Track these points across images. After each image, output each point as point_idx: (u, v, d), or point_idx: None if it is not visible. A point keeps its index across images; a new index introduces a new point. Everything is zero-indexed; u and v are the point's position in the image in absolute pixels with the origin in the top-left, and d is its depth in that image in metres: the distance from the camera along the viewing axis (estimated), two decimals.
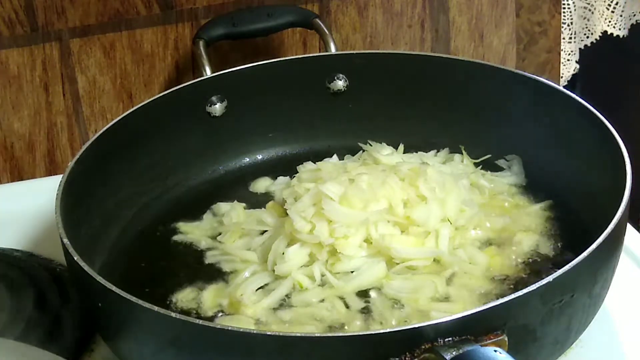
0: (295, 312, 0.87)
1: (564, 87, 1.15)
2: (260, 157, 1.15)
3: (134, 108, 1.04)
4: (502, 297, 0.71)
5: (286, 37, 1.29)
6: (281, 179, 1.09)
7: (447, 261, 0.90)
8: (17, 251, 1.05)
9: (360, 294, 0.88)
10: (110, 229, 1.00)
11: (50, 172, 1.27)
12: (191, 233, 1.01)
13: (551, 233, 0.96)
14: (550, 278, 0.72)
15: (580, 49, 1.45)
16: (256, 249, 0.95)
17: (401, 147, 1.10)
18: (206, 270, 0.95)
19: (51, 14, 1.20)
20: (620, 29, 1.43)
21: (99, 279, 0.77)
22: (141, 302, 0.73)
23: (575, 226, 0.96)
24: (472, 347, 0.68)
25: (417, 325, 0.69)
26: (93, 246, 0.94)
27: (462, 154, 1.08)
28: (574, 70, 1.45)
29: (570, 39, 1.43)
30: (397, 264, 0.90)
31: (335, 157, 1.09)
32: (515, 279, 0.89)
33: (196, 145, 1.11)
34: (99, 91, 1.26)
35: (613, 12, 1.42)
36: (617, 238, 0.81)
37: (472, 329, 0.69)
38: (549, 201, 1.00)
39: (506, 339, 0.70)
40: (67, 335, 0.89)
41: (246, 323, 0.85)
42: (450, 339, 0.69)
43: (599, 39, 1.45)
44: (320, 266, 0.90)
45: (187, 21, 1.25)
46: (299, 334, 0.71)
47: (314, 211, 0.91)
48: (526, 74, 1.04)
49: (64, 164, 1.26)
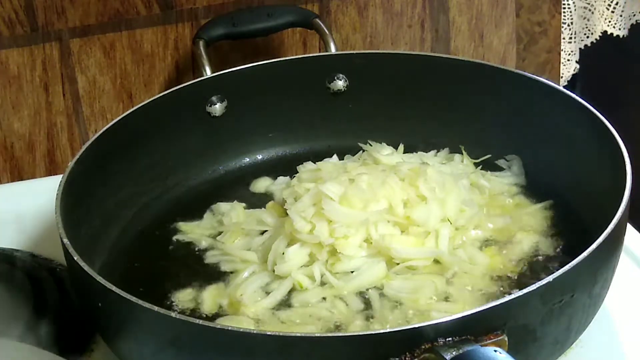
0: (295, 312, 0.87)
1: (564, 87, 1.15)
2: (260, 157, 1.15)
3: (134, 108, 1.04)
4: (502, 297, 0.71)
5: (286, 37, 1.29)
6: (281, 179, 1.09)
7: (447, 261, 0.90)
8: (17, 251, 1.04)
9: (360, 294, 0.88)
10: (110, 229, 1.00)
11: (50, 172, 1.27)
12: (191, 233, 1.01)
13: (551, 233, 0.96)
14: (550, 278, 0.72)
15: (580, 49, 1.45)
16: (256, 249, 0.95)
17: (401, 147, 1.10)
18: (206, 270, 0.95)
19: (51, 14, 1.20)
20: (620, 29, 1.43)
21: (99, 279, 0.77)
22: (141, 302, 0.73)
23: (575, 226, 0.96)
24: (472, 347, 0.68)
25: (417, 325, 0.69)
26: (93, 246, 0.94)
27: (462, 154, 1.08)
28: (574, 70, 1.45)
29: (570, 39, 1.43)
30: (397, 264, 0.90)
31: (335, 157, 1.09)
32: (515, 279, 0.89)
33: (196, 145, 1.11)
34: (99, 91, 1.26)
35: (613, 12, 1.42)
36: (617, 238, 0.81)
37: (472, 329, 0.69)
38: (549, 201, 1.00)
39: (506, 339, 0.70)
40: (67, 335, 0.89)
41: (246, 323, 0.85)
42: (450, 339, 0.69)
43: (599, 39, 1.45)
44: (320, 266, 0.90)
45: (187, 21, 1.25)
46: (299, 334, 0.71)
47: (314, 211, 0.91)
48: (526, 74, 1.04)
49: (64, 164, 1.26)
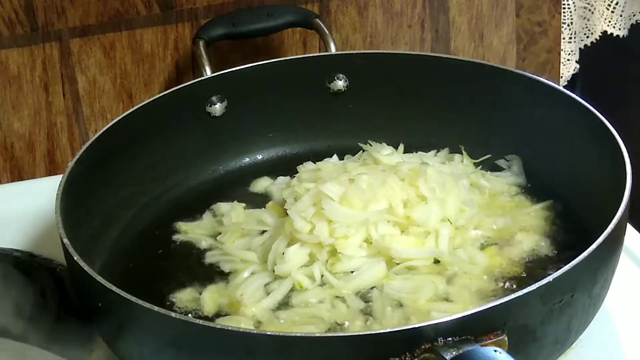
0: (295, 312, 0.87)
1: (564, 87, 1.15)
2: (260, 157, 1.15)
3: (134, 108, 1.04)
4: (502, 297, 0.71)
5: (286, 37, 1.29)
6: (281, 179, 1.09)
7: (447, 261, 0.90)
8: (17, 251, 1.04)
9: (360, 294, 0.88)
10: (110, 229, 1.00)
11: (50, 172, 1.27)
12: (191, 233, 1.01)
13: (551, 233, 0.96)
14: (550, 278, 0.72)
15: (580, 49, 1.46)
16: (256, 249, 0.95)
17: (401, 147, 1.10)
18: (206, 270, 0.95)
19: (51, 14, 1.20)
20: (620, 29, 1.43)
21: (99, 279, 0.77)
22: (141, 302, 0.73)
23: (575, 226, 0.96)
24: (472, 347, 0.68)
25: (417, 325, 0.69)
26: (93, 246, 0.94)
27: (462, 154, 1.08)
28: (574, 70, 1.45)
29: (570, 39, 1.43)
30: (397, 264, 0.90)
31: (335, 157, 1.09)
32: (515, 279, 0.89)
33: (196, 145, 1.11)
34: (99, 91, 1.26)
35: (613, 12, 1.42)
36: (617, 238, 0.81)
37: (472, 329, 0.69)
38: (549, 201, 1.00)
39: (506, 339, 0.70)
40: (67, 335, 0.89)
41: (246, 323, 0.85)
42: (450, 339, 0.69)
43: (599, 39, 1.45)
44: (320, 266, 0.90)
45: (187, 21, 1.25)
46: (299, 334, 0.71)
47: (314, 211, 0.91)
48: (526, 74, 1.04)
49: (64, 164, 1.26)
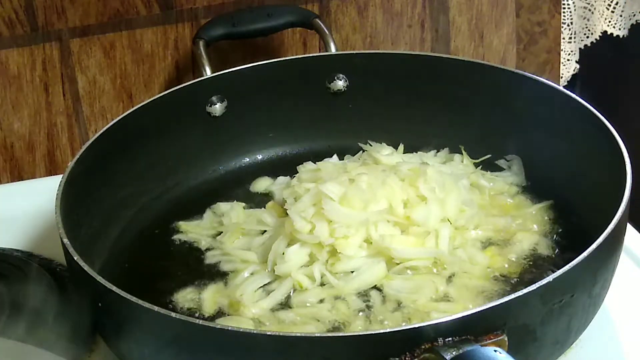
0: (295, 313, 0.87)
1: (564, 87, 1.15)
2: (260, 157, 1.15)
3: (134, 108, 1.04)
4: (502, 297, 0.71)
5: (286, 37, 1.29)
6: (281, 179, 1.09)
7: (447, 261, 0.90)
8: (17, 251, 1.04)
9: (360, 294, 0.88)
10: (110, 229, 1.00)
11: (50, 172, 1.27)
12: (191, 232, 1.01)
13: (551, 233, 0.96)
14: (550, 278, 0.72)
15: (580, 49, 1.46)
16: (256, 249, 0.95)
17: (401, 147, 1.10)
18: (206, 270, 0.95)
19: (51, 14, 1.21)
20: (620, 29, 1.43)
21: (99, 279, 0.77)
22: (141, 302, 0.73)
23: (575, 226, 0.96)
24: (472, 347, 0.68)
25: (417, 325, 0.69)
26: (93, 246, 0.94)
27: (462, 154, 1.08)
28: (574, 70, 1.45)
29: (570, 39, 1.43)
30: (397, 264, 0.90)
31: (335, 157, 1.09)
32: (515, 279, 0.89)
33: (196, 145, 1.11)
34: (99, 91, 1.26)
35: (613, 12, 1.42)
36: (617, 238, 0.81)
37: (472, 329, 0.69)
38: (549, 201, 1.00)
39: (506, 339, 0.70)
40: (67, 336, 0.89)
41: (246, 323, 0.85)
42: (450, 339, 0.69)
43: (599, 39, 1.45)
44: (320, 266, 0.90)
45: (187, 21, 1.25)
46: (299, 334, 0.71)
47: (314, 211, 0.91)
48: (526, 74, 1.04)
49: (64, 164, 1.26)
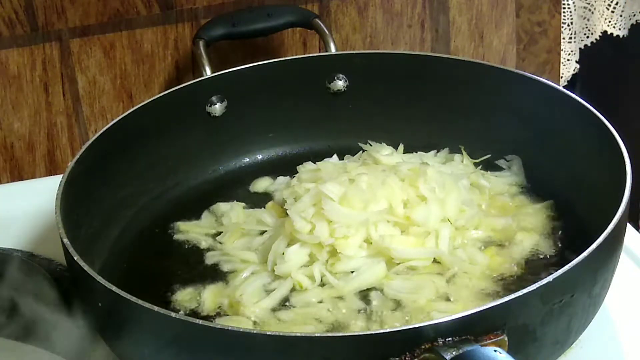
0: (295, 313, 0.87)
1: (564, 87, 1.15)
2: (260, 157, 1.15)
3: (134, 108, 1.04)
4: (502, 297, 0.71)
5: (286, 37, 1.29)
6: (281, 179, 1.09)
7: (447, 261, 0.90)
8: (17, 251, 1.04)
9: (360, 294, 0.88)
10: (110, 229, 1.00)
11: (50, 172, 1.27)
12: (191, 232, 1.01)
13: (551, 233, 0.96)
14: (550, 278, 0.72)
15: (580, 49, 1.46)
16: (256, 249, 0.95)
17: (401, 147, 1.10)
18: (206, 270, 0.95)
19: (51, 14, 1.21)
20: (620, 29, 1.43)
21: (99, 279, 0.77)
22: (141, 302, 0.73)
23: (575, 226, 0.95)
24: (472, 347, 0.68)
25: (417, 325, 0.69)
26: (93, 246, 0.94)
27: (462, 154, 1.08)
28: (574, 70, 1.45)
29: (570, 39, 1.43)
30: (397, 264, 0.90)
31: (335, 157, 1.09)
32: (516, 279, 0.89)
33: (196, 145, 1.10)
34: (99, 91, 1.26)
35: (613, 12, 1.42)
36: (617, 238, 0.81)
37: (472, 329, 0.69)
38: (549, 201, 1.00)
39: (506, 339, 0.70)
40: (67, 335, 0.89)
41: (246, 323, 0.85)
42: (450, 339, 0.69)
43: (599, 39, 1.45)
44: (320, 266, 0.90)
45: (187, 21, 1.25)
46: (299, 334, 0.71)
47: (314, 211, 0.91)
48: (526, 74, 1.04)
49: (64, 164, 1.27)
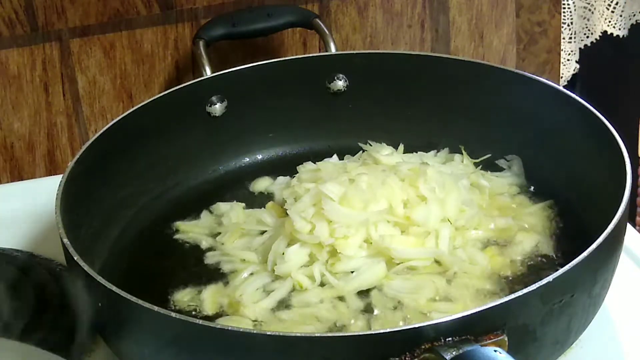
0: (295, 313, 0.87)
1: (564, 87, 1.15)
2: (260, 157, 1.15)
3: (134, 108, 1.04)
4: (502, 297, 0.71)
5: (286, 37, 1.29)
6: (281, 179, 1.09)
7: (447, 261, 0.90)
8: (17, 251, 1.05)
9: (360, 294, 0.88)
10: (110, 229, 1.00)
11: (50, 172, 1.27)
12: (191, 232, 1.01)
13: (551, 233, 0.96)
14: (550, 278, 0.72)
15: (580, 49, 1.46)
16: (256, 249, 0.95)
17: (401, 147, 1.10)
18: (206, 270, 0.95)
19: (51, 14, 1.21)
20: (620, 29, 1.43)
21: (99, 279, 0.77)
22: (141, 302, 0.73)
23: (575, 226, 0.96)
24: (472, 347, 0.68)
25: (417, 325, 0.69)
26: (93, 246, 0.94)
27: (462, 154, 1.08)
28: (574, 70, 1.45)
29: (570, 39, 1.43)
30: (397, 264, 0.90)
31: (335, 157, 1.09)
32: (516, 279, 0.89)
33: (196, 145, 1.10)
34: (99, 91, 1.26)
35: (613, 12, 1.42)
36: (617, 238, 0.81)
37: (472, 329, 0.69)
38: (549, 201, 1.00)
39: (506, 339, 0.70)
40: (67, 336, 0.89)
41: (246, 323, 0.85)
42: (450, 339, 0.69)
43: (599, 39, 1.45)
44: (320, 266, 0.90)
45: (187, 21, 1.25)
46: (299, 334, 0.71)
47: (314, 211, 0.91)
48: (526, 74, 1.04)
49: (64, 164, 1.27)
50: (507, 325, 0.71)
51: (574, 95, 0.98)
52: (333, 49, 1.16)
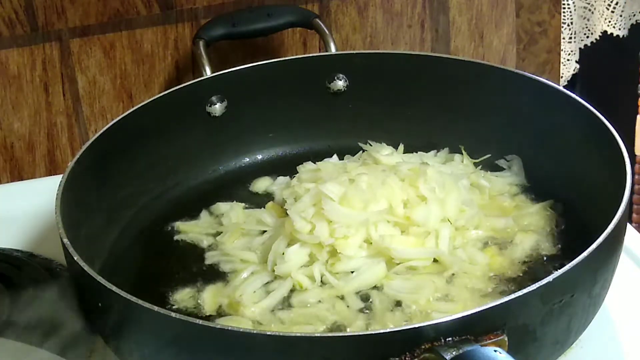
0: (295, 313, 0.87)
1: (564, 87, 1.15)
2: (260, 157, 1.15)
3: (134, 108, 1.04)
4: (502, 297, 0.71)
5: (286, 37, 1.29)
6: (281, 179, 1.09)
7: (447, 261, 0.90)
8: (17, 251, 1.04)
9: (360, 294, 0.88)
10: (110, 229, 1.00)
11: (50, 172, 1.27)
12: (191, 232, 1.01)
13: (551, 233, 0.96)
14: (550, 278, 0.72)
15: (580, 49, 1.46)
16: (256, 249, 0.95)
17: (401, 147, 1.10)
18: (206, 270, 0.95)
19: (51, 14, 1.21)
20: (620, 29, 1.43)
21: (99, 279, 0.77)
22: (141, 302, 0.73)
23: (575, 226, 0.95)
24: (472, 347, 0.68)
25: (417, 325, 0.69)
26: (93, 246, 0.94)
27: (462, 154, 1.08)
28: (574, 70, 1.45)
29: (570, 39, 1.43)
30: (397, 264, 0.90)
31: (335, 157, 1.09)
32: (516, 279, 0.89)
33: (196, 145, 1.10)
34: (99, 91, 1.26)
35: (613, 12, 1.42)
36: (617, 238, 0.81)
37: (472, 329, 0.69)
38: (549, 201, 1.00)
39: (506, 339, 0.70)
40: (67, 336, 0.89)
41: (246, 323, 0.85)
42: (450, 339, 0.69)
43: (599, 39, 1.45)
44: (320, 266, 0.90)
45: (187, 21, 1.25)
46: (299, 334, 0.71)
47: (314, 211, 0.91)
48: (526, 74, 1.04)
49: (64, 164, 1.27)
50: (507, 325, 0.71)
51: (574, 95, 0.98)
52: (333, 49, 1.16)
